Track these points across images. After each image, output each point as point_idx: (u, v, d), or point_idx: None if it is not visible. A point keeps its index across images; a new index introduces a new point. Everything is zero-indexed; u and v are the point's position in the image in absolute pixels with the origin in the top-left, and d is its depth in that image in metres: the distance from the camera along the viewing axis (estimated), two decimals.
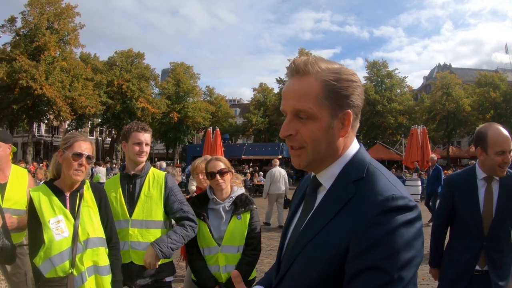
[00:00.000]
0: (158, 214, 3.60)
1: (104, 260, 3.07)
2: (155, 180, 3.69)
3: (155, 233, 3.55)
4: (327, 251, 1.27)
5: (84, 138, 3.12)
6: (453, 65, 71.64)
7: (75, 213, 3.00)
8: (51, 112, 45.09)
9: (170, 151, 64.91)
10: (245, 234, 3.65)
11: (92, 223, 3.05)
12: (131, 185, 3.65)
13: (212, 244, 3.61)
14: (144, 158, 3.67)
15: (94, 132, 64.17)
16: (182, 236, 3.53)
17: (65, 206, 3.00)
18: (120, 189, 3.65)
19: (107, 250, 3.13)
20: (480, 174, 3.45)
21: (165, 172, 3.84)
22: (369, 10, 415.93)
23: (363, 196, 1.28)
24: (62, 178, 3.08)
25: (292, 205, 1.72)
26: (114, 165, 40.69)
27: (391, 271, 1.15)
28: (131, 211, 3.56)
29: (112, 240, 3.22)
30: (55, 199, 2.98)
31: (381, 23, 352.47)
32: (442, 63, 72.75)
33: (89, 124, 57.78)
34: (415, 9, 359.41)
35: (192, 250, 3.71)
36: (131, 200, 3.61)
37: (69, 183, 3.06)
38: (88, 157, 3.05)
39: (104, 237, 3.13)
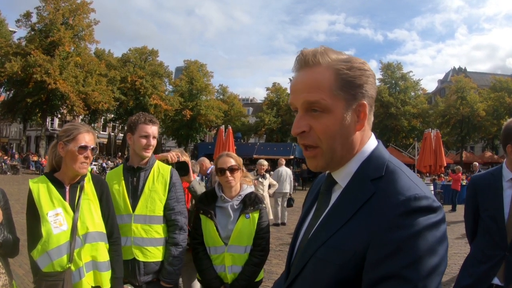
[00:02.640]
0: (160, 209, 3.51)
1: (103, 255, 2.97)
2: (160, 174, 3.58)
3: (158, 229, 3.48)
4: (342, 255, 1.16)
5: (87, 129, 3.00)
6: (468, 70, 70.75)
7: (74, 206, 2.90)
8: (65, 107, 45.53)
9: (182, 147, 65.05)
10: (253, 234, 3.53)
11: (92, 217, 2.95)
12: (135, 178, 3.54)
13: (218, 243, 3.50)
14: (150, 152, 3.55)
15: (107, 128, 64.64)
16: (181, 257, 3.55)
17: (65, 199, 2.89)
18: (123, 182, 3.54)
19: (107, 245, 3.03)
20: (508, 174, 3.12)
21: (171, 166, 3.74)
22: (383, 13, 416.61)
23: (383, 196, 1.16)
24: (64, 170, 2.95)
25: (305, 205, 1.61)
26: None
27: (414, 280, 1.03)
28: (134, 206, 3.46)
29: (113, 235, 3.12)
30: (55, 191, 2.88)
31: (395, 26, 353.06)
32: (457, 67, 71.98)
33: (102, 119, 58.23)
34: (429, 13, 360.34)
35: (198, 249, 3.61)
36: (134, 194, 3.50)
37: (71, 176, 2.95)
38: (93, 149, 2.96)
39: (104, 231, 3.03)
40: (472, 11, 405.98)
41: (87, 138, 2.93)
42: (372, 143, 1.36)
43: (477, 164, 17.62)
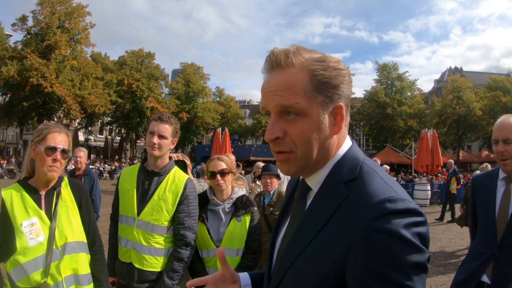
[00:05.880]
0: (166, 219, 3.35)
1: (85, 267, 2.78)
2: (174, 183, 3.42)
3: (159, 239, 3.33)
4: (321, 265, 1.12)
5: (59, 129, 2.75)
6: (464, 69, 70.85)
7: (51, 215, 2.68)
8: (61, 110, 45.38)
9: (179, 151, 64.88)
10: (245, 237, 3.54)
11: (70, 226, 2.73)
12: (147, 181, 3.42)
13: (210, 246, 3.50)
14: (156, 151, 3.36)
15: (104, 131, 64.52)
16: (182, 273, 3.39)
17: (40, 207, 2.67)
18: (136, 183, 3.44)
19: (89, 256, 2.84)
20: (501, 173, 3.15)
21: (188, 177, 3.56)
22: (378, 15, 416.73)
23: (357, 199, 1.12)
24: (37, 175, 2.73)
25: (280, 211, 1.54)
26: (123, 164, 40.96)
27: (400, 281, 1.02)
28: (140, 210, 3.34)
29: (95, 244, 2.94)
30: (29, 199, 2.65)
31: (390, 28, 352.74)
32: (453, 67, 72.03)
33: (98, 122, 58.14)
34: (423, 15, 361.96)
35: None
36: (143, 198, 3.38)
37: (44, 181, 2.72)
38: (64, 151, 2.70)
39: (85, 241, 2.82)
40: (465, 12, 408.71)
41: (58, 139, 2.69)
42: (346, 144, 1.29)
43: (452, 161, 17.63)
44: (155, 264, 3.33)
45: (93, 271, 2.88)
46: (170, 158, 3.60)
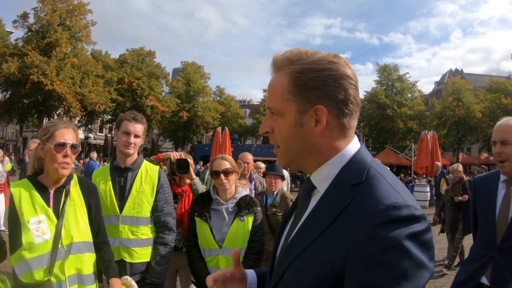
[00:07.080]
0: (148, 210, 3.51)
1: (89, 267, 2.75)
2: (148, 175, 3.58)
3: (145, 230, 3.50)
4: (319, 267, 1.11)
5: (66, 125, 2.71)
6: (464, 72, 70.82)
7: (59, 213, 2.66)
8: (61, 108, 45.30)
9: (179, 150, 64.88)
10: (248, 237, 3.54)
11: (77, 225, 2.71)
12: (122, 178, 3.54)
13: (213, 246, 3.51)
14: (131, 150, 3.51)
15: (104, 129, 64.42)
16: (169, 257, 3.59)
17: (48, 205, 2.64)
18: (110, 182, 3.53)
19: (94, 255, 2.83)
20: (502, 176, 3.14)
21: (158, 167, 3.74)
22: (378, 16, 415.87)
23: (361, 205, 1.10)
24: (46, 173, 2.70)
25: (290, 208, 1.57)
26: None
27: None
28: (121, 207, 3.45)
29: (106, 242, 3.01)
30: (38, 196, 2.62)
31: (390, 30, 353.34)
32: (453, 69, 72.03)
33: (98, 120, 58.08)
34: (424, 17, 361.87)
35: (193, 251, 3.61)
36: (122, 194, 3.50)
37: (54, 179, 2.69)
38: (73, 146, 2.66)
39: (91, 240, 2.81)
40: (466, 15, 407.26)
41: (66, 135, 2.65)
42: (353, 146, 1.29)
43: (439, 164, 17.57)
44: (144, 255, 3.50)
45: (101, 259, 2.93)
46: (139, 153, 3.71)
